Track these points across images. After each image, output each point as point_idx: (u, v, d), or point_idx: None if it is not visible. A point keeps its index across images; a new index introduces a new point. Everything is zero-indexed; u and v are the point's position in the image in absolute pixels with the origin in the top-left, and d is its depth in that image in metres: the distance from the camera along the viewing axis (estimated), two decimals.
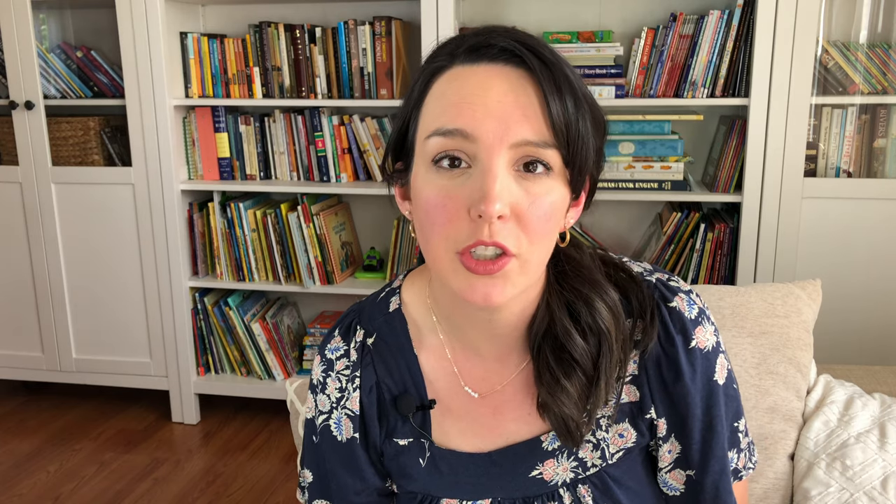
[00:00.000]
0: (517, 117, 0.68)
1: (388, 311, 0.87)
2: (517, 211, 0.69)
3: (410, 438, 0.85)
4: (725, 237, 2.24)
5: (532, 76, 0.69)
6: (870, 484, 1.14)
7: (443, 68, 0.72)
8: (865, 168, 2.21)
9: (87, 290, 2.67)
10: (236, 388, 2.66)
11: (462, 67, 0.71)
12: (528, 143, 0.68)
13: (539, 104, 0.69)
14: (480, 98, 0.68)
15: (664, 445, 0.82)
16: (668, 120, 2.23)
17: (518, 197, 0.69)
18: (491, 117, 0.67)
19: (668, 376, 0.80)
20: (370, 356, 0.86)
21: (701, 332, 0.80)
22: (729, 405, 0.83)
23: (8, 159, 2.67)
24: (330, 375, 0.87)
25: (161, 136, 2.46)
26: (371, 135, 2.46)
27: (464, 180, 0.69)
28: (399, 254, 2.54)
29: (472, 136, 0.68)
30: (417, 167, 0.73)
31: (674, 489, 0.84)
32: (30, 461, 2.47)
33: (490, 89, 0.68)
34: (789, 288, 1.30)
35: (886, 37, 2.16)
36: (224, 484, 2.33)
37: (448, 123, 0.69)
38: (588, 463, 0.82)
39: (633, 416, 0.81)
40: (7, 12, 2.48)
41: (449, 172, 0.70)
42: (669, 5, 2.32)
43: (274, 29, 2.44)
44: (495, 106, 0.68)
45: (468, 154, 0.69)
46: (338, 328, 0.89)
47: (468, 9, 2.49)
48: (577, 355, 0.77)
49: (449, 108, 0.69)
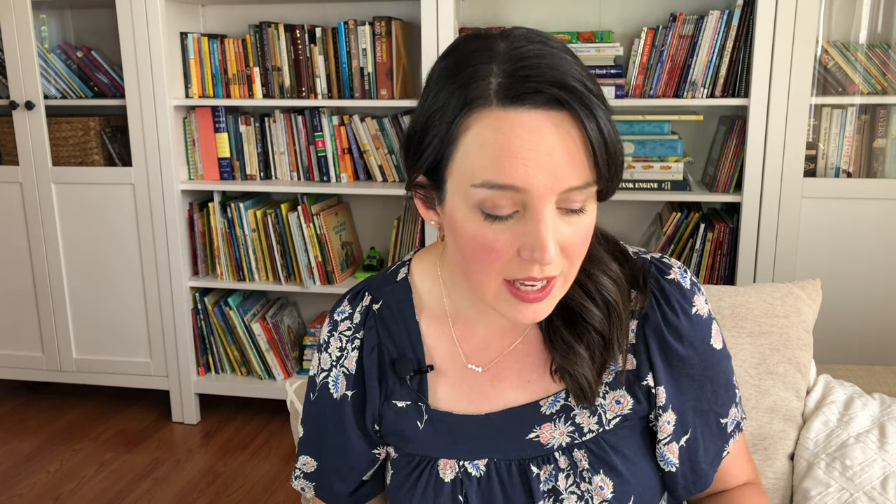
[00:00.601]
0: (565, 165, 0.69)
1: (395, 281, 0.92)
2: (563, 244, 0.72)
3: (408, 401, 0.88)
4: (725, 237, 2.24)
5: (573, 115, 0.69)
6: (869, 484, 1.14)
7: (479, 107, 0.70)
8: (865, 168, 2.21)
9: (88, 290, 2.67)
10: (236, 388, 2.66)
11: (504, 112, 0.69)
12: (573, 189, 0.70)
13: (582, 142, 0.70)
14: (531, 151, 0.68)
15: (664, 415, 0.85)
16: (667, 120, 2.23)
17: (564, 234, 0.72)
18: (542, 171, 0.68)
19: (671, 342, 0.84)
20: (374, 319, 0.90)
21: (698, 300, 0.86)
22: (725, 364, 0.88)
23: (8, 159, 2.68)
24: (333, 335, 0.92)
25: (161, 136, 2.47)
26: (371, 135, 2.46)
27: (512, 224, 0.71)
28: (399, 254, 2.54)
29: (522, 189, 0.69)
30: (455, 202, 0.74)
31: (670, 463, 0.86)
32: (30, 461, 2.47)
33: (539, 143, 0.68)
34: (789, 288, 1.30)
35: (886, 37, 2.16)
36: (224, 484, 2.33)
37: (498, 177, 0.69)
38: (585, 428, 0.84)
39: (630, 383, 0.84)
40: (7, 12, 2.48)
41: (497, 219, 0.71)
42: (669, 5, 2.33)
43: (274, 29, 2.44)
44: (545, 160, 0.68)
45: (517, 202, 0.70)
46: (348, 294, 0.94)
47: (468, 9, 2.49)
48: (595, 322, 0.82)
49: (498, 160, 0.69)
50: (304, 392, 1.36)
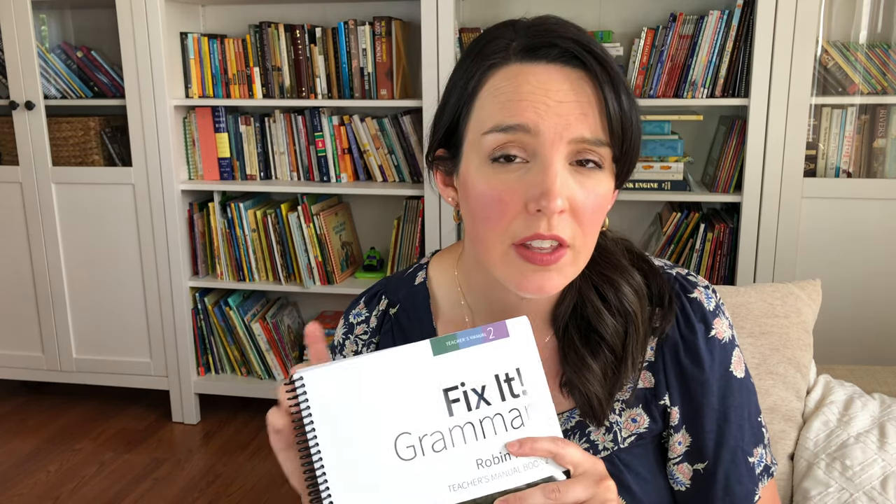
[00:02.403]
0: (577, 115, 0.70)
1: (413, 285, 0.91)
2: (573, 204, 0.71)
3: None
4: (725, 237, 2.24)
5: (590, 76, 0.71)
6: (869, 484, 1.14)
7: (498, 65, 0.73)
8: (865, 168, 2.21)
9: (88, 290, 2.67)
10: (236, 388, 2.66)
11: (520, 66, 0.72)
12: (584, 140, 0.70)
13: (598, 103, 0.71)
14: (542, 97, 0.70)
15: (675, 435, 0.83)
16: (667, 120, 2.23)
17: (574, 190, 0.71)
18: (552, 114, 0.69)
19: (686, 363, 0.82)
20: (390, 324, 0.90)
21: (719, 323, 0.83)
22: (750, 399, 0.85)
23: (8, 159, 2.68)
24: (349, 338, 0.92)
25: (161, 136, 2.47)
26: (371, 135, 2.47)
27: (521, 175, 0.71)
28: (399, 254, 2.54)
29: (533, 130, 0.69)
30: (469, 160, 0.75)
31: (680, 483, 0.85)
32: (30, 461, 2.47)
33: (550, 89, 0.70)
34: (789, 288, 1.30)
35: (886, 37, 2.16)
36: (224, 484, 2.33)
37: (509, 119, 0.70)
38: (599, 445, 0.83)
39: (647, 401, 0.83)
40: (7, 12, 2.48)
41: (506, 167, 0.71)
42: (669, 5, 2.33)
43: (274, 29, 2.44)
44: (556, 105, 0.70)
45: (527, 149, 0.71)
46: (364, 296, 0.94)
47: (468, 9, 2.49)
48: (606, 335, 0.80)
49: (509, 104, 0.71)
50: None
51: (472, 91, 0.74)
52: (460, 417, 0.64)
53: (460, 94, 0.75)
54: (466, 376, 0.65)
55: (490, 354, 0.66)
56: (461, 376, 0.65)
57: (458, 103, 0.76)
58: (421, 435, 0.63)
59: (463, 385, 0.65)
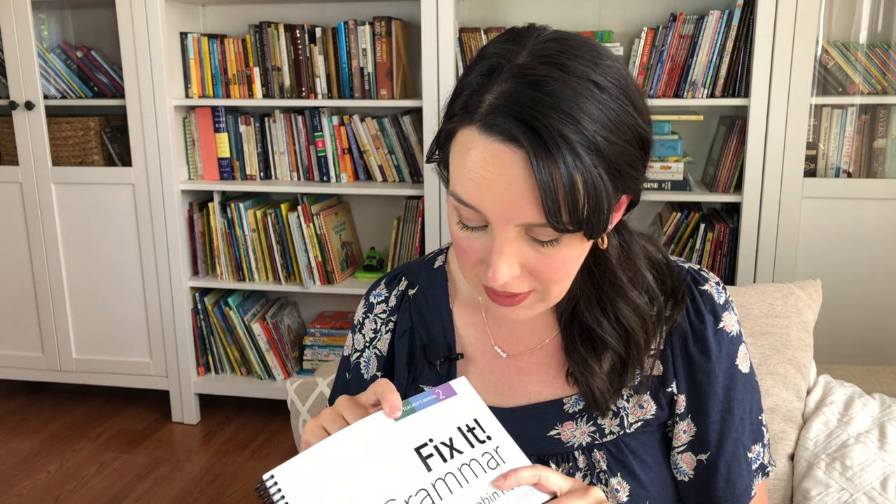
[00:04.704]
0: (527, 201, 0.66)
1: (432, 268, 0.94)
2: (530, 267, 0.71)
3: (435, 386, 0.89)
4: (725, 237, 2.24)
5: (527, 157, 0.66)
6: (869, 484, 1.14)
7: (466, 122, 0.69)
8: (865, 168, 2.21)
9: (88, 290, 2.67)
10: (236, 388, 2.66)
11: (478, 136, 0.68)
12: (532, 224, 0.68)
13: (539, 185, 0.66)
14: (490, 182, 0.67)
15: (680, 423, 0.85)
16: (668, 120, 2.23)
17: (529, 257, 0.71)
18: (500, 203, 0.68)
19: (694, 352, 0.84)
20: (408, 304, 0.93)
21: (728, 317, 0.85)
22: (753, 396, 0.87)
23: (8, 159, 2.68)
24: (368, 317, 0.95)
25: (161, 136, 2.47)
26: (371, 135, 2.46)
27: (481, 234, 0.72)
28: (399, 254, 2.54)
29: (482, 213, 0.69)
30: (451, 186, 0.73)
31: (683, 473, 0.86)
32: (30, 461, 2.47)
33: (501, 174, 0.66)
34: (789, 288, 1.30)
35: (886, 37, 2.16)
36: (224, 484, 2.33)
37: (464, 196, 0.70)
38: (606, 430, 0.84)
39: (655, 388, 0.84)
40: (7, 12, 2.48)
41: (467, 227, 0.73)
42: (669, 5, 2.32)
43: (274, 29, 2.44)
44: (504, 192, 0.67)
45: (482, 219, 0.70)
46: (385, 278, 0.97)
47: (468, 9, 2.49)
48: (608, 342, 0.82)
49: (465, 179, 0.69)
50: (304, 392, 1.36)
51: (451, 132, 0.72)
52: (439, 470, 0.66)
53: (447, 125, 0.73)
54: (432, 433, 0.68)
55: (446, 411, 0.70)
56: (427, 433, 0.68)
57: (446, 132, 0.73)
58: (406, 497, 0.64)
59: (432, 441, 0.68)
